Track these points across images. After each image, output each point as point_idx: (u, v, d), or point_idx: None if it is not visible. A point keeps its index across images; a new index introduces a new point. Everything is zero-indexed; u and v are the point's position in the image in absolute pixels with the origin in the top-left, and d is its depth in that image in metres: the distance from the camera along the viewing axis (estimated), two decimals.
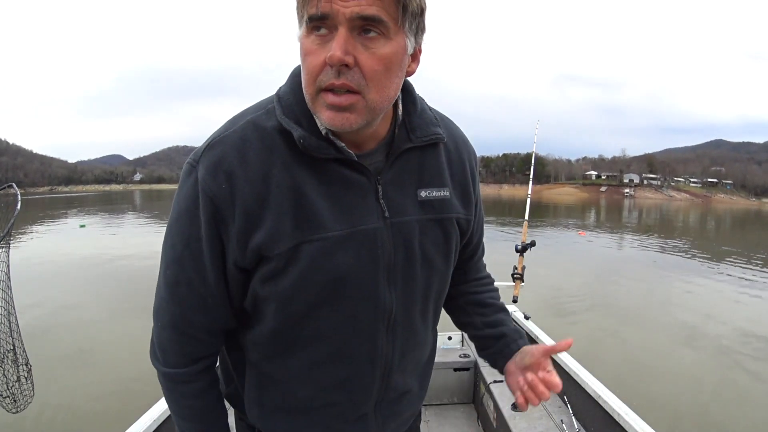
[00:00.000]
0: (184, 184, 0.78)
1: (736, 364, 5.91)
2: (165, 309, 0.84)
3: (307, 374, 0.87)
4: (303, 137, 0.74)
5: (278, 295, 0.79)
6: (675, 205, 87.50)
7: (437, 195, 0.86)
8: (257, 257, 0.76)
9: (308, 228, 0.76)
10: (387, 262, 0.81)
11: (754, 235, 28.22)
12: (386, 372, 0.89)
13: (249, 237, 0.75)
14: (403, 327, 0.87)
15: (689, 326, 7.27)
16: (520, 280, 2.96)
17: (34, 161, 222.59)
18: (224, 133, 0.78)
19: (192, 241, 0.78)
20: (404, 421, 1.04)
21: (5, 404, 2.36)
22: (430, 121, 0.87)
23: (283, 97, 0.79)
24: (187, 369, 0.87)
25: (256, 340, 0.87)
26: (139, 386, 4.40)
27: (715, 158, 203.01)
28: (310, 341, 0.83)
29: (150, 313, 0.87)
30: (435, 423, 2.71)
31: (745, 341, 6.74)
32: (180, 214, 0.78)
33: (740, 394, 5.06)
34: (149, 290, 0.89)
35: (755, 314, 8.30)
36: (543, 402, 2.54)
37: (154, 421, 1.95)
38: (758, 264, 14.09)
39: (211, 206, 0.75)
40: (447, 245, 0.89)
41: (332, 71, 0.67)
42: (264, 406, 0.91)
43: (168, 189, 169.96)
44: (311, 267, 0.76)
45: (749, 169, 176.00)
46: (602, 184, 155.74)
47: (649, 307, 8.62)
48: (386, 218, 0.81)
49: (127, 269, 11.25)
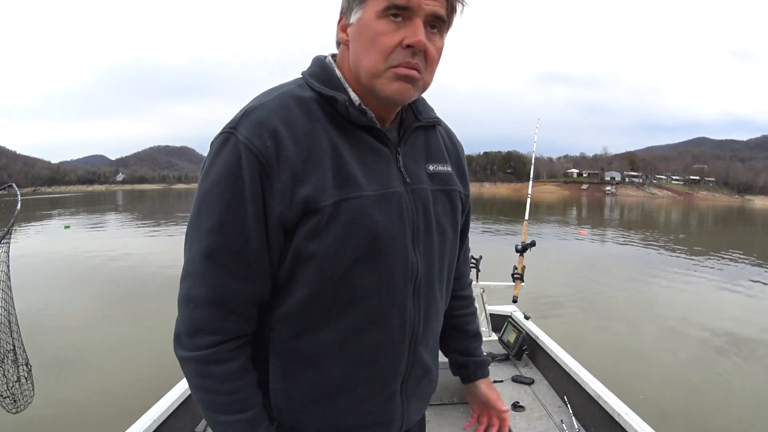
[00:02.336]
0: (220, 152, 0.79)
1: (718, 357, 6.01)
2: (200, 284, 0.81)
3: (342, 347, 0.86)
4: (348, 102, 0.83)
5: (321, 252, 0.80)
6: (657, 203, 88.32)
7: (442, 169, 0.96)
8: (303, 210, 0.78)
9: (347, 186, 0.80)
10: (412, 224, 0.87)
11: (736, 230, 28.63)
12: (413, 342, 0.92)
13: (295, 191, 0.78)
14: (426, 292, 0.92)
15: (670, 326, 7.34)
16: (520, 280, 2.97)
17: (18, 162, 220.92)
18: (261, 101, 0.82)
19: (235, 204, 0.78)
20: (423, 403, 1.06)
21: (5, 404, 2.34)
22: (430, 107, 0.99)
23: (315, 74, 0.87)
24: (222, 347, 0.82)
25: (286, 316, 0.85)
26: (135, 389, 4.39)
27: (698, 156, 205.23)
28: (347, 306, 0.84)
29: (145, 311, 0.85)
30: (435, 423, 2.70)
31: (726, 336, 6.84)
32: (217, 180, 0.78)
33: (726, 388, 5.14)
34: (137, 290, 0.87)
35: (738, 309, 8.45)
36: (543, 402, 2.55)
37: (153, 421, 1.95)
38: (736, 259, 14.28)
39: (256, 164, 0.77)
40: (454, 215, 0.97)
41: (407, 52, 0.78)
42: (291, 396, 0.89)
43: (150, 189, 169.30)
44: (351, 223, 0.80)
45: (732, 167, 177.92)
46: (583, 182, 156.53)
47: (633, 303, 8.70)
48: (408, 184, 0.88)
49: (118, 270, 11.16)
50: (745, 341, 6.59)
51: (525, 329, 2.95)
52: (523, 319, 3.07)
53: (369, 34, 0.79)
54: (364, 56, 0.80)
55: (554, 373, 2.61)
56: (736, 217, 48.29)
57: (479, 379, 1.18)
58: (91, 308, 7.85)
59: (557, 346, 2.70)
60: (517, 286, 2.95)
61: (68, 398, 4.50)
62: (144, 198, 73.14)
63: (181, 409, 2.13)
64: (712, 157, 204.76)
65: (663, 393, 4.75)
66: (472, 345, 1.19)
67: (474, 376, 1.18)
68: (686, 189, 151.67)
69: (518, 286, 2.95)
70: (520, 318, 3.10)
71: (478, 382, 1.18)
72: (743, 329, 7.14)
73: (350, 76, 0.86)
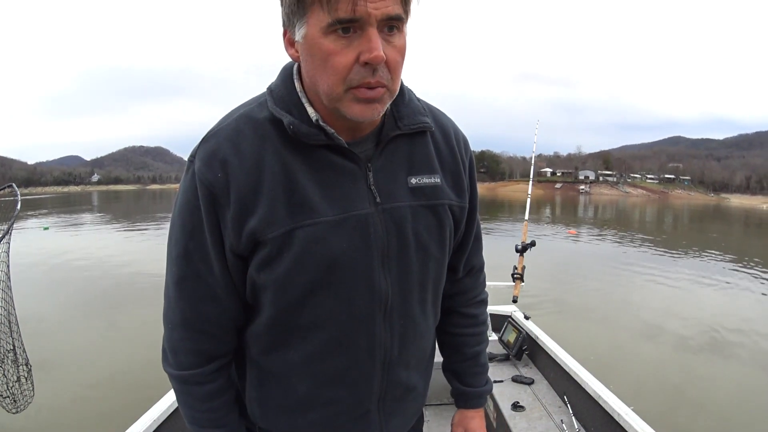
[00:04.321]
0: (184, 179, 0.81)
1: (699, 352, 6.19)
2: (174, 307, 0.85)
3: (306, 367, 0.87)
4: (293, 123, 0.77)
5: (274, 281, 0.80)
6: (631, 201, 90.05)
7: (428, 182, 0.88)
8: (252, 242, 0.78)
9: (301, 213, 0.78)
10: (381, 247, 0.83)
11: (712, 227, 29.20)
12: (387, 364, 0.90)
13: (244, 222, 0.77)
14: (400, 315, 0.88)
15: (651, 323, 7.50)
16: (520, 280, 2.99)
17: None
18: (218, 127, 0.82)
19: (196, 232, 0.80)
20: (408, 419, 1.04)
21: (5, 404, 2.30)
22: (418, 110, 0.89)
23: (274, 90, 0.83)
24: (201, 369, 0.87)
25: (255, 333, 0.88)
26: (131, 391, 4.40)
27: (673, 155, 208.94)
28: (308, 330, 0.84)
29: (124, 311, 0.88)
30: (435, 423, 2.71)
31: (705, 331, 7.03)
32: (181, 208, 0.81)
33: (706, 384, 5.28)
34: (117, 292, 0.89)
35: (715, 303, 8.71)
36: (543, 402, 2.58)
37: (153, 421, 1.93)
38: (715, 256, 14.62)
39: (208, 194, 0.77)
40: (441, 231, 0.90)
41: (366, 69, 0.71)
42: (265, 404, 0.92)
43: (125, 190, 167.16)
44: (305, 252, 0.78)
45: (708, 165, 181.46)
46: (557, 181, 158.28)
47: (609, 302, 8.89)
48: (378, 204, 0.83)
49: (93, 271, 11.12)
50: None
51: (525, 329, 2.96)
52: (523, 319, 3.08)
53: (319, 54, 0.72)
54: (320, 79, 0.74)
55: (554, 373, 2.62)
56: (712, 215, 49.25)
57: (467, 409, 1.14)
58: (73, 308, 7.88)
59: (557, 346, 2.71)
60: (517, 286, 2.98)
61: (67, 398, 4.52)
62: (119, 199, 72.93)
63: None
64: (687, 155, 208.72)
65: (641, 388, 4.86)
66: (467, 369, 1.12)
67: (458, 405, 1.15)
68: (661, 187, 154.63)
69: (518, 286, 2.97)
70: (520, 318, 3.11)
71: (464, 411, 1.14)
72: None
73: (308, 90, 0.81)
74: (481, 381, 1.13)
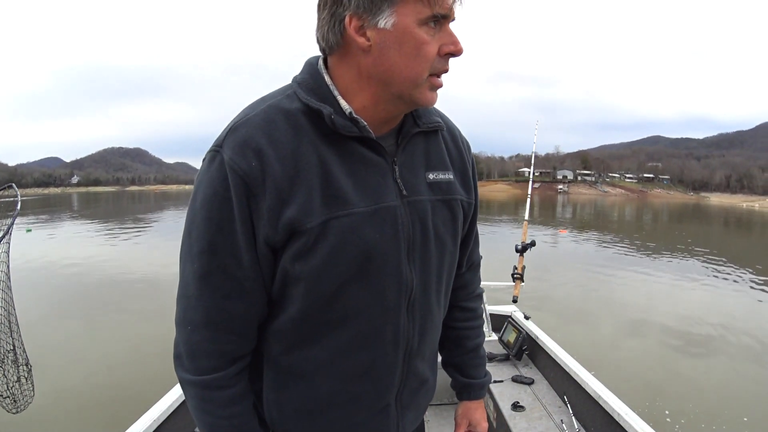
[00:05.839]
0: (207, 170, 0.78)
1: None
2: (196, 307, 0.81)
3: (333, 363, 0.86)
4: (333, 114, 0.78)
5: (309, 273, 0.79)
6: (610, 200, 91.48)
7: (443, 177, 0.92)
8: (289, 233, 0.77)
9: (335, 204, 0.78)
10: (407, 238, 0.85)
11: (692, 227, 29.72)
12: (408, 355, 0.91)
13: (280, 212, 0.76)
14: (421, 306, 0.90)
15: (633, 320, 7.64)
16: (520, 280, 3.01)
17: None
18: (245, 117, 0.79)
19: (224, 225, 0.77)
20: (419, 413, 1.06)
21: (5, 404, 2.28)
22: (432, 110, 0.93)
23: (303, 82, 0.83)
24: (224, 372, 0.83)
25: (280, 330, 0.86)
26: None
27: (652, 154, 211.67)
28: (338, 324, 0.84)
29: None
30: (435, 423, 2.72)
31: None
32: (206, 200, 0.77)
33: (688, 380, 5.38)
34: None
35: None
36: (543, 402, 2.60)
37: (153, 421, 1.93)
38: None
39: (242, 185, 0.75)
40: (454, 225, 0.94)
41: (444, 60, 0.79)
42: (283, 408, 0.90)
43: (104, 191, 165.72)
44: (341, 242, 0.78)
45: (687, 165, 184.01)
46: (535, 181, 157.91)
47: (589, 300, 9.02)
48: (404, 196, 0.85)
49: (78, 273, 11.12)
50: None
51: (525, 329, 2.98)
52: (523, 319, 3.10)
53: (413, 42, 0.76)
54: (407, 66, 0.77)
55: (554, 373, 2.64)
56: (691, 213, 50.13)
57: (470, 400, 1.17)
58: (54, 308, 7.91)
59: (557, 346, 2.73)
60: (517, 286, 2.99)
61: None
62: (99, 200, 72.56)
63: (181, 409, 2.11)
64: (667, 155, 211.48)
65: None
66: (469, 362, 1.16)
67: (461, 397, 1.18)
68: (640, 186, 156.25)
69: (518, 286, 2.99)
70: (520, 318, 3.13)
71: (468, 403, 1.18)
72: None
73: (347, 83, 0.81)
74: (482, 373, 1.18)
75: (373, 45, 0.76)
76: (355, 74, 0.80)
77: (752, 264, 13.55)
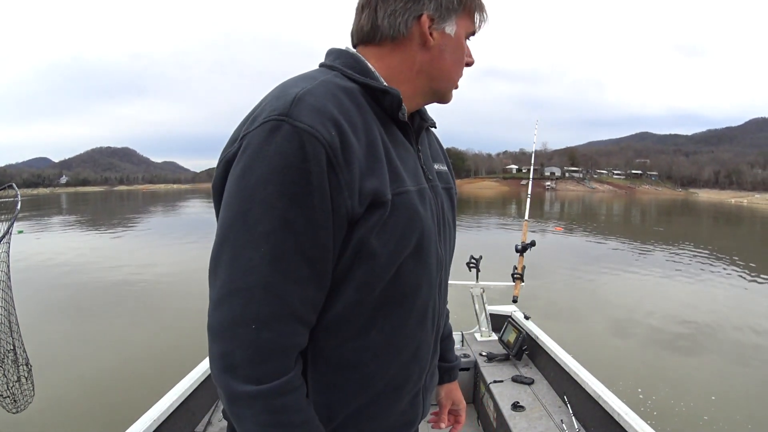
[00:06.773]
0: (270, 140, 0.70)
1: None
2: (262, 299, 0.70)
3: (387, 347, 0.83)
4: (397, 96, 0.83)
5: (382, 247, 0.76)
6: (597, 197, 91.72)
7: (443, 168, 1.01)
8: (370, 204, 0.74)
9: (397, 180, 0.80)
10: (437, 219, 0.90)
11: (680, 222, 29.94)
12: (437, 333, 0.95)
13: (362, 183, 0.73)
14: (444, 285, 0.96)
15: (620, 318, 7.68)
16: (520, 280, 3.01)
17: None
18: (306, 87, 0.74)
19: (299, 199, 0.69)
20: (432, 398, 1.08)
21: (5, 404, 2.26)
22: (425, 109, 1.00)
23: (349, 66, 0.85)
24: (294, 372, 0.74)
25: (335, 320, 0.78)
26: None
27: (640, 150, 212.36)
28: (395, 304, 0.81)
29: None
30: None
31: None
32: (275, 172, 0.69)
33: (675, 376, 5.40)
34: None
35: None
36: (543, 402, 2.61)
37: (153, 421, 1.93)
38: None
39: (323, 154, 0.69)
40: (454, 212, 1.02)
41: (463, 69, 0.93)
42: (330, 409, 0.82)
43: (92, 191, 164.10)
44: (408, 218, 0.80)
45: (675, 161, 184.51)
46: (523, 178, 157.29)
47: (577, 298, 9.06)
48: (429, 180, 0.91)
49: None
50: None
51: (525, 329, 3.00)
52: (523, 319, 3.12)
53: (461, 51, 0.90)
54: (452, 69, 0.90)
55: (554, 373, 2.66)
56: (680, 209, 50.45)
57: (450, 382, 1.24)
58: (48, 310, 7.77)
59: (557, 346, 2.75)
60: (517, 286, 2.99)
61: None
62: (87, 201, 71.72)
63: (180, 409, 2.11)
64: (655, 151, 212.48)
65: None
66: (446, 347, 1.20)
67: (442, 381, 1.22)
68: (628, 183, 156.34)
69: (518, 286, 2.99)
70: (520, 318, 3.15)
71: (449, 385, 1.23)
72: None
73: (395, 72, 0.87)
74: (455, 356, 1.26)
75: (435, 45, 0.86)
76: (408, 66, 0.87)
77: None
